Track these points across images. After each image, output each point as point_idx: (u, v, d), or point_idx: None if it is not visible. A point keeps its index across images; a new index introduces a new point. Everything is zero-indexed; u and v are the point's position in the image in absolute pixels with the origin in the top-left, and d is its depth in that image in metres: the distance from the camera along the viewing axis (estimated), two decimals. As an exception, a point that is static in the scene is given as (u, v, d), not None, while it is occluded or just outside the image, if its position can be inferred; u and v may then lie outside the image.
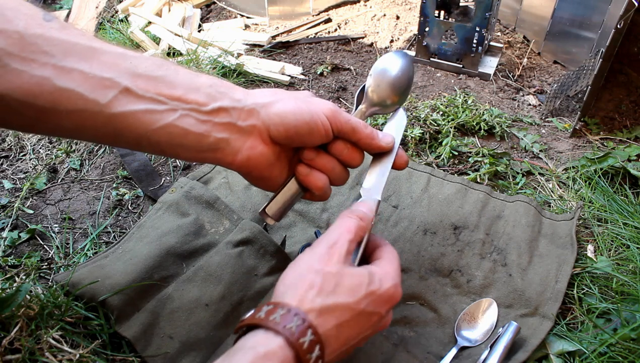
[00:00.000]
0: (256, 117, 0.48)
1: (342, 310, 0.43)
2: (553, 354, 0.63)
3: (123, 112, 0.42)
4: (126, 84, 0.42)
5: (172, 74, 0.45)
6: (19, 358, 0.58)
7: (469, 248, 0.75)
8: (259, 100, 0.48)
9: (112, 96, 0.41)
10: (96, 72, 0.41)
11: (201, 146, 0.46)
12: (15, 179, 0.92)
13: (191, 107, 0.45)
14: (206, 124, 0.45)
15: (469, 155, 0.95)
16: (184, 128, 0.44)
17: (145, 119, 0.43)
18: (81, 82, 0.40)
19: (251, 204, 0.82)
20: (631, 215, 0.80)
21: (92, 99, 0.40)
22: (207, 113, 0.45)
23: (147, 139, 0.44)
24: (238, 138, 0.47)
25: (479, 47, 1.15)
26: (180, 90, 0.44)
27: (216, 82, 0.47)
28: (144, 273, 0.68)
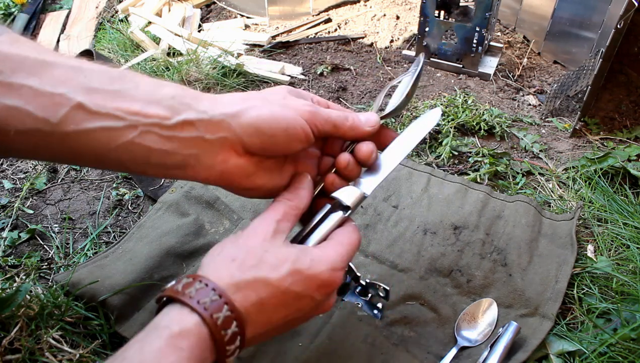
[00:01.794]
0: (226, 128, 0.43)
1: (263, 285, 0.41)
2: (553, 354, 0.63)
3: (77, 131, 0.38)
4: (79, 100, 0.38)
5: (131, 87, 0.41)
6: (19, 358, 0.58)
7: (469, 248, 0.75)
8: (228, 109, 0.43)
9: (64, 113, 0.37)
10: (47, 88, 0.37)
11: (168, 164, 0.42)
12: (15, 179, 0.92)
13: (152, 121, 0.40)
14: (171, 140, 0.41)
15: (469, 155, 0.95)
16: (147, 146, 0.40)
17: (102, 138, 0.39)
18: (30, 99, 0.36)
19: (251, 204, 0.82)
20: (631, 215, 0.80)
21: (42, 118, 0.37)
22: (170, 128, 0.41)
23: (108, 158, 0.41)
24: (208, 153, 0.43)
25: (479, 47, 1.15)
26: (139, 103, 0.40)
27: (180, 93, 0.42)
28: (144, 273, 0.68)
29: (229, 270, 0.41)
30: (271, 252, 0.43)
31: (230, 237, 0.45)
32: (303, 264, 0.43)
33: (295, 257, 0.43)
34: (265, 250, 0.43)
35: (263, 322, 0.41)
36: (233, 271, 0.41)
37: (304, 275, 0.43)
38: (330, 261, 0.45)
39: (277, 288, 0.41)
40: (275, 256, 0.42)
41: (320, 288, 0.44)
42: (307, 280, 0.43)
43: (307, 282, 0.43)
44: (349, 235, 0.48)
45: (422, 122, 0.57)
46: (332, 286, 0.45)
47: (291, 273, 0.42)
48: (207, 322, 0.37)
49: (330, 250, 0.46)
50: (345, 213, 0.50)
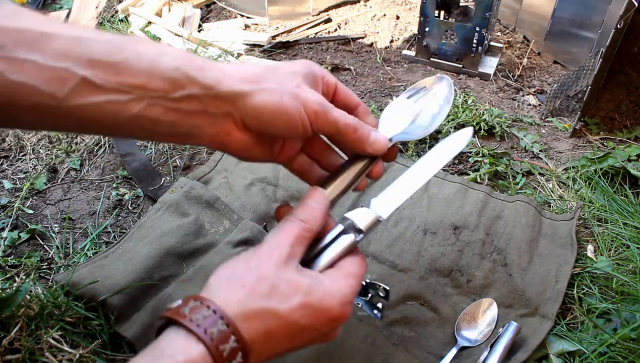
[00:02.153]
0: (231, 104, 0.43)
1: (272, 316, 0.40)
2: (553, 354, 0.63)
3: (84, 104, 0.39)
4: (83, 74, 0.38)
5: (133, 56, 0.40)
6: (19, 358, 0.58)
7: (469, 248, 0.75)
8: (236, 87, 0.43)
9: (70, 88, 0.38)
10: (50, 62, 0.37)
11: (173, 133, 0.43)
12: (15, 178, 0.92)
13: (157, 95, 0.41)
14: (176, 112, 0.42)
15: (469, 155, 0.95)
16: (153, 117, 0.41)
17: (109, 110, 0.40)
18: (35, 74, 0.37)
19: (251, 204, 0.82)
20: (631, 215, 0.80)
21: (49, 93, 0.37)
22: (175, 100, 0.41)
23: (117, 129, 0.42)
24: (211, 124, 0.44)
25: (479, 47, 1.15)
26: (143, 77, 0.40)
27: (184, 63, 0.42)
28: (144, 273, 0.68)
29: (237, 296, 0.40)
30: (283, 280, 0.41)
31: (241, 256, 0.44)
32: (314, 297, 0.42)
33: (308, 288, 0.42)
34: (277, 277, 0.41)
35: (267, 351, 0.41)
36: (242, 298, 0.40)
37: (314, 308, 0.42)
38: (342, 295, 0.43)
39: (286, 320, 0.40)
40: (287, 285, 0.41)
41: (329, 322, 0.43)
42: (317, 314, 0.42)
43: (317, 315, 0.42)
44: (358, 265, 0.47)
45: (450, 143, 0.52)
46: (341, 320, 0.44)
47: (302, 306, 0.41)
48: (212, 353, 0.37)
49: (342, 283, 0.44)
50: (357, 237, 0.47)
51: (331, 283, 0.43)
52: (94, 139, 0.99)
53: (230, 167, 0.89)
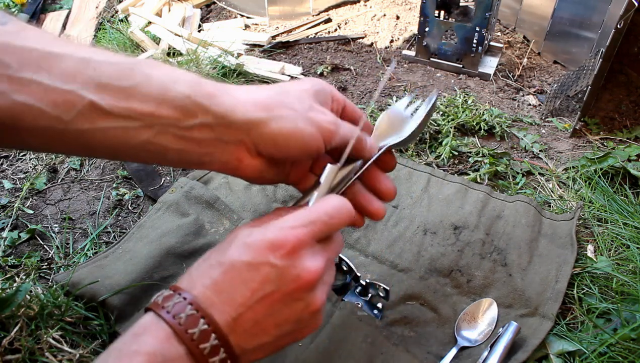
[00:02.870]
0: (245, 133, 0.43)
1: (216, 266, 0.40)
2: (553, 354, 0.63)
3: (92, 129, 0.38)
4: (91, 98, 0.37)
5: (143, 81, 0.39)
6: (19, 358, 0.58)
7: (469, 248, 0.75)
8: (250, 115, 0.42)
9: (77, 112, 0.37)
10: (57, 84, 0.36)
11: (183, 160, 0.43)
12: (15, 179, 0.92)
13: (168, 122, 0.40)
14: (186, 140, 0.41)
15: (469, 155, 0.95)
16: (163, 145, 0.40)
17: (118, 136, 0.39)
18: (41, 96, 0.36)
19: (251, 204, 0.82)
20: (631, 215, 0.80)
21: (54, 116, 0.36)
22: (186, 129, 0.41)
23: (125, 154, 0.41)
24: (223, 151, 0.43)
25: (479, 47, 1.15)
26: (152, 104, 0.39)
27: (195, 90, 0.41)
28: (144, 273, 0.68)
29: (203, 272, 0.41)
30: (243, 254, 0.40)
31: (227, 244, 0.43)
32: (244, 233, 0.41)
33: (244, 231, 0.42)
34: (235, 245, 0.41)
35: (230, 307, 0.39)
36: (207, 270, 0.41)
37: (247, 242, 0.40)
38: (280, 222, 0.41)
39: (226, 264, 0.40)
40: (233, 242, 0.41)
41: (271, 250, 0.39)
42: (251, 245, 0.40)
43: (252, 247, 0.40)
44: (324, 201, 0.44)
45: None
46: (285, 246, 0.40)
47: (237, 246, 0.40)
48: (181, 337, 0.37)
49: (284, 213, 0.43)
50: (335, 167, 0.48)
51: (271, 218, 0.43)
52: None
53: (230, 167, 0.89)
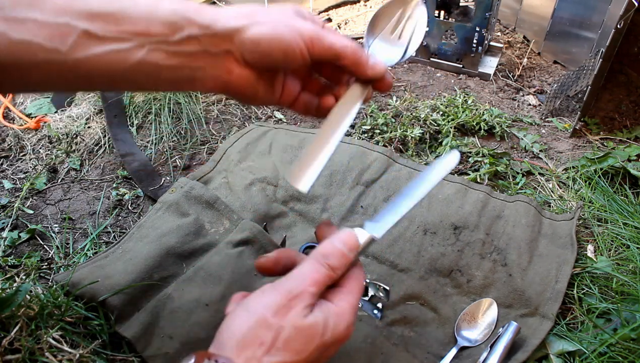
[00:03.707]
0: (229, 41, 0.44)
1: None
2: (553, 354, 0.63)
3: (88, 56, 0.39)
4: (83, 27, 0.39)
5: (130, 5, 0.41)
6: (19, 358, 0.58)
7: (469, 248, 0.75)
8: (232, 23, 0.44)
9: (72, 42, 0.39)
10: (50, 19, 0.38)
11: (177, 78, 0.44)
12: (15, 179, 0.92)
13: (158, 39, 0.41)
14: (177, 55, 0.43)
15: (469, 155, 0.95)
16: (156, 63, 0.42)
17: (113, 60, 0.40)
18: (37, 31, 0.37)
19: (251, 204, 0.82)
20: (631, 215, 0.80)
21: (52, 48, 0.38)
22: (175, 44, 0.42)
23: (122, 79, 0.42)
24: (213, 64, 0.44)
25: (479, 47, 1.15)
26: (142, 23, 0.41)
27: (180, 6, 0.43)
28: (144, 273, 0.68)
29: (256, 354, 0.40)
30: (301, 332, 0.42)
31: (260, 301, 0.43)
32: (327, 335, 0.43)
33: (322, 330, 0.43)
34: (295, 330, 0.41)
35: None
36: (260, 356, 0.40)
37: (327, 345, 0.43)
38: (347, 320, 0.44)
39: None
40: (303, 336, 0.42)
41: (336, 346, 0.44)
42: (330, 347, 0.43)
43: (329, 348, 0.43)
44: (358, 282, 0.47)
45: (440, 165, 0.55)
46: (346, 339, 0.45)
47: (317, 348, 0.42)
48: None
49: (346, 306, 0.45)
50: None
51: (337, 310, 0.44)
52: (94, 139, 0.99)
53: (230, 167, 0.89)
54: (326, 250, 0.46)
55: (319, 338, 0.42)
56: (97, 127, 1.02)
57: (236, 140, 0.95)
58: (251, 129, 0.99)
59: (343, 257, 0.46)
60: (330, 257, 0.45)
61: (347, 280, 0.47)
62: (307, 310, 0.43)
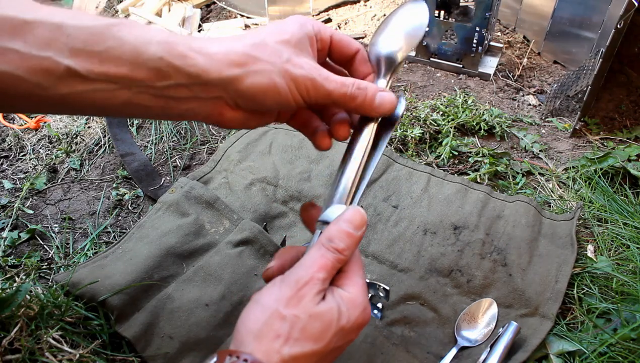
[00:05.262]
0: (221, 89, 0.43)
1: (311, 356, 0.41)
2: (553, 354, 0.63)
3: (73, 93, 0.39)
4: (67, 63, 0.37)
5: (116, 45, 0.39)
6: (19, 358, 0.58)
7: (469, 248, 0.75)
8: (224, 74, 0.42)
9: (56, 78, 0.38)
10: (33, 51, 0.37)
11: (167, 115, 0.44)
12: (15, 179, 0.92)
13: (143, 84, 0.40)
14: (165, 98, 0.42)
15: (469, 155, 0.95)
16: (144, 104, 0.41)
17: (99, 97, 0.40)
18: (18, 63, 0.36)
19: (251, 204, 0.82)
20: (631, 215, 0.80)
21: (35, 83, 0.37)
22: (162, 89, 0.41)
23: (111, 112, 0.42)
24: (203, 107, 0.43)
25: (479, 47, 1.15)
26: (126, 67, 0.39)
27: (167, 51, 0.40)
28: (144, 273, 0.68)
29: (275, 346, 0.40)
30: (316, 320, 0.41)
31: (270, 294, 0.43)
32: (343, 320, 0.42)
33: (337, 315, 0.42)
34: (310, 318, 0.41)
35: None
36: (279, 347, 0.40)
37: (346, 329, 0.43)
38: (361, 302, 0.44)
39: (323, 352, 0.41)
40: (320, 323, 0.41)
41: (356, 331, 0.44)
42: (349, 332, 0.43)
43: (349, 333, 0.43)
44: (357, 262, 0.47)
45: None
46: (366, 323, 0.45)
47: (335, 334, 0.42)
48: None
49: (356, 290, 0.45)
50: None
51: (349, 295, 0.44)
52: (94, 139, 0.99)
53: (230, 167, 0.89)
54: (331, 233, 0.44)
55: (335, 323, 0.42)
56: (97, 127, 1.02)
57: (236, 140, 0.95)
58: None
59: (350, 237, 0.44)
60: (336, 239, 0.44)
61: (348, 263, 0.46)
62: (318, 297, 0.42)
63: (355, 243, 0.45)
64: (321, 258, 0.43)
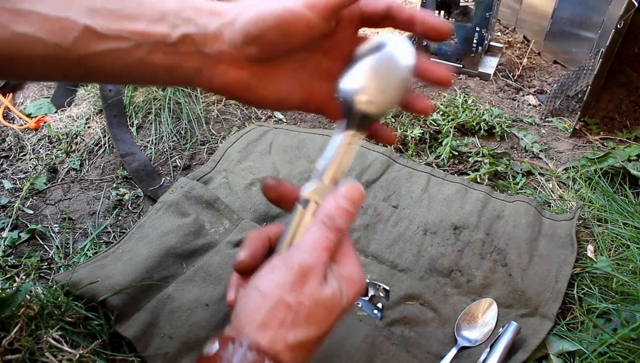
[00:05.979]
0: (222, 40, 0.41)
1: (315, 339, 0.41)
2: (553, 354, 0.63)
3: (88, 54, 0.39)
4: (85, 22, 0.38)
5: (134, 4, 0.40)
6: (19, 358, 0.58)
7: (469, 248, 0.75)
8: (226, 18, 0.41)
9: (73, 38, 0.38)
10: (53, 13, 0.38)
11: (175, 77, 0.43)
12: (15, 179, 0.92)
13: (156, 39, 0.40)
14: (174, 55, 0.41)
15: (469, 155, 0.95)
16: (154, 63, 0.41)
17: (113, 58, 0.40)
18: (39, 25, 0.37)
19: (251, 204, 0.82)
20: (631, 215, 0.80)
21: (53, 43, 0.38)
22: (173, 44, 0.41)
23: (121, 76, 0.42)
24: (208, 66, 0.42)
25: (479, 47, 1.15)
26: (143, 23, 0.40)
27: (184, 6, 0.41)
28: (144, 273, 0.68)
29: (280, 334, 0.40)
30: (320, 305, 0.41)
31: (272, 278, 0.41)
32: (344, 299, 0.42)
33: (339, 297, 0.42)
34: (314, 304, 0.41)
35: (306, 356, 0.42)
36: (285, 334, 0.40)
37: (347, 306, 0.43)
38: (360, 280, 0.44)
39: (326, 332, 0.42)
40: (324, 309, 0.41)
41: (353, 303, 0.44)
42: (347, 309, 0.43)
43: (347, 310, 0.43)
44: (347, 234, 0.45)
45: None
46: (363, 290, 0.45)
47: (339, 314, 0.42)
48: None
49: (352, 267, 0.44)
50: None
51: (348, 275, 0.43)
52: (94, 139, 0.99)
53: (230, 167, 0.89)
54: (331, 211, 0.42)
55: (338, 306, 0.42)
56: (97, 127, 1.02)
57: (236, 140, 0.95)
58: (251, 129, 0.99)
59: (349, 215, 0.43)
60: (337, 217, 0.42)
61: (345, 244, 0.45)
62: (322, 281, 0.41)
63: (351, 222, 0.44)
64: (325, 239, 0.42)
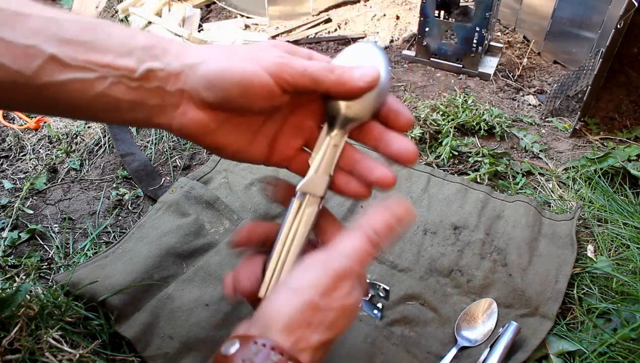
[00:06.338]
0: (184, 80, 0.41)
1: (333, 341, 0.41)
2: (553, 354, 0.63)
3: (51, 83, 0.38)
4: (52, 52, 0.38)
5: (104, 37, 0.40)
6: (19, 358, 0.58)
7: (469, 248, 0.75)
8: (189, 60, 0.41)
9: (37, 66, 0.37)
10: (20, 40, 0.37)
11: (137, 114, 0.42)
12: (15, 178, 0.92)
13: (121, 73, 0.40)
14: (137, 91, 0.40)
15: (469, 155, 0.95)
16: (116, 97, 0.40)
17: (75, 89, 0.39)
18: (3, 51, 0.37)
19: (251, 204, 0.82)
20: (631, 215, 0.80)
21: (15, 70, 0.37)
22: (136, 79, 0.40)
23: (82, 109, 0.41)
24: (168, 104, 0.42)
25: (479, 47, 1.15)
26: (111, 55, 0.39)
27: (154, 44, 0.41)
28: (144, 273, 0.68)
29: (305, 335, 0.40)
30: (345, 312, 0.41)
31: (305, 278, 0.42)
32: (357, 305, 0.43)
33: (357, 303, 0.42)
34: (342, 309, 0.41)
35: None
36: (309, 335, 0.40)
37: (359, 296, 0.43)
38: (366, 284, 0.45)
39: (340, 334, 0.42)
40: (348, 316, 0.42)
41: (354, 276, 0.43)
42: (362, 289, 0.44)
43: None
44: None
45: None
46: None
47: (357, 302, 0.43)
48: None
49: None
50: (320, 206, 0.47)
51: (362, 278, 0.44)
52: (94, 139, 0.99)
53: (230, 167, 0.89)
54: (378, 226, 0.43)
55: (355, 312, 0.42)
56: (97, 127, 1.02)
57: (236, 140, 0.95)
58: (251, 129, 0.99)
59: (394, 237, 0.43)
60: (383, 236, 0.43)
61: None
62: (352, 289, 0.42)
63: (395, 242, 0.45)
64: (365, 253, 0.42)
